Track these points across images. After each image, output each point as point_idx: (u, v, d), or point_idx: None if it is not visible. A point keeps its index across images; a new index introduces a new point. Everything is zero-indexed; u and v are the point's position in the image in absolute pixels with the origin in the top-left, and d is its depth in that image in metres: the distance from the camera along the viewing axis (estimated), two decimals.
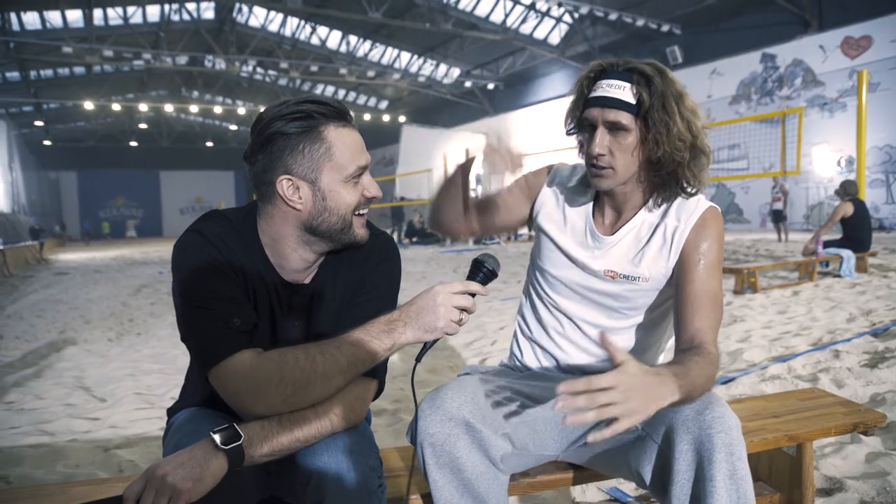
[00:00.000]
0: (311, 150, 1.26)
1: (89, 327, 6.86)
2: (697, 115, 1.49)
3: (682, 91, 1.48)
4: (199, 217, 1.34)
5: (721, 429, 1.24)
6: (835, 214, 7.65)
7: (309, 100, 1.28)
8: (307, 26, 25.88)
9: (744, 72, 18.65)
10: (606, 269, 1.58)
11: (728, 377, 3.56)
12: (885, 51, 15.35)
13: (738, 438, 1.25)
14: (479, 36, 22.90)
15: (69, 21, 22.27)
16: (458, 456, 1.32)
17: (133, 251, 23.49)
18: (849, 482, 2.20)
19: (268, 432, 1.18)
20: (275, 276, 1.33)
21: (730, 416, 1.27)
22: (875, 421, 1.81)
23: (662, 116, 1.43)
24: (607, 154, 1.48)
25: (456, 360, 4.42)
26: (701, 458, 1.24)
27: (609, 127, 1.47)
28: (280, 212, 1.30)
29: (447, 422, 1.33)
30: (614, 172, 1.50)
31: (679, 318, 1.48)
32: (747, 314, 5.38)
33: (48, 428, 3.32)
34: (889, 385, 3.24)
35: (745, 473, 1.23)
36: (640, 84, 1.45)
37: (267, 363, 1.19)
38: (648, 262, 1.55)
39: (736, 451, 1.23)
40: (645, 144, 1.47)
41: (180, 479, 1.07)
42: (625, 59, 1.51)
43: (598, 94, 1.48)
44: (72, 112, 33.89)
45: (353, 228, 1.32)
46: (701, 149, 1.49)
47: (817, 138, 16.24)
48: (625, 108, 1.45)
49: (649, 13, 19.52)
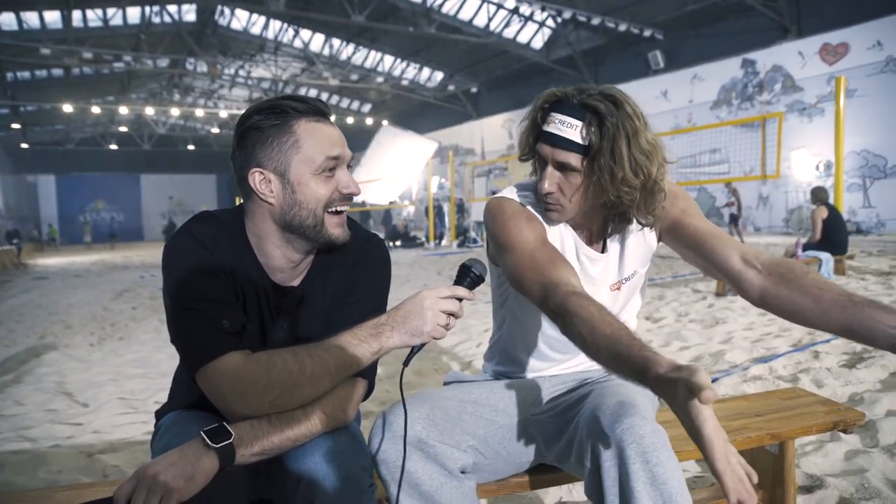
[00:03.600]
0: (279, 143, 1.26)
1: (70, 332, 6.79)
2: (655, 151, 1.42)
3: (639, 126, 1.40)
4: (190, 218, 1.34)
5: (632, 439, 1.21)
6: (816, 220, 7.77)
7: (286, 96, 1.29)
8: (290, 29, 25.78)
9: (725, 77, 18.85)
10: (611, 283, 1.61)
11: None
12: (861, 57, 15.58)
13: (652, 444, 1.21)
14: (463, 39, 22.93)
15: (47, 22, 21.93)
16: (413, 471, 1.33)
17: (114, 255, 23.28)
18: (829, 479, 2.23)
19: (258, 431, 1.18)
20: (264, 278, 1.33)
21: (641, 425, 1.24)
22: (854, 419, 1.84)
23: (608, 162, 1.38)
24: (556, 192, 1.47)
25: (441, 364, 4.43)
26: (620, 473, 1.23)
27: (557, 167, 1.45)
28: (258, 207, 1.30)
29: (398, 439, 1.33)
30: (563, 209, 1.50)
31: (710, 254, 1.48)
32: (729, 316, 5.44)
33: (29, 434, 3.28)
34: (867, 385, 3.30)
35: (667, 476, 1.19)
36: (592, 124, 1.39)
37: (254, 365, 1.20)
38: (636, 253, 1.61)
39: (652, 458, 1.20)
40: (591, 188, 1.44)
41: (172, 478, 1.07)
42: (581, 87, 1.44)
43: (550, 131, 1.44)
44: (50, 114, 33.44)
45: (327, 227, 1.30)
46: (652, 190, 1.44)
47: (796, 143, 16.44)
48: (574, 148, 1.41)
49: (632, 18, 19.66)
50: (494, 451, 1.51)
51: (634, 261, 1.62)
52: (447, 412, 1.45)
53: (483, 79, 27.71)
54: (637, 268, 1.63)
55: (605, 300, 1.58)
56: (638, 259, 1.62)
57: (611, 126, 1.38)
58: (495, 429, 1.52)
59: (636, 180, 1.39)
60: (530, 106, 1.52)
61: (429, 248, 18.71)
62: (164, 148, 41.27)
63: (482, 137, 28.55)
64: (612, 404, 1.31)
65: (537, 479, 1.61)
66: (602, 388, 1.47)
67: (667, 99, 20.29)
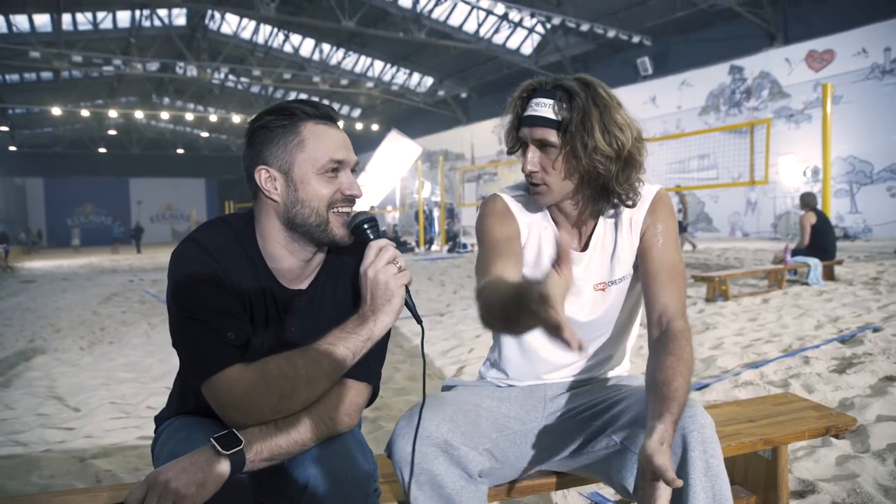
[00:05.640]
0: (285, 142, 1.30)
1: (59, 336, 6.74)
2: (628, 126, 1.49)
3: (611, 104, 1.48)
4: (200, 224, 1.36)
5: (694, 427, 1.28)
6: (805, 225, 7.84)
7: (297, 101, 1.33)
8: (280, 34, 25.77)
9: (713, 83, 19.00)
10: (596, 283, 1.61)
11: (702, 383, 3.63)
12: (847, 64, 15.77)
13: (711, 436, 1.29)
14: (453, 45, 22.99)
15: (37, 25, 21.87)
16: (437, 474, 1.34)
17: (102, 259, 23.13)
18: (821, 484, 2.26)
19: (266, 436, 1.19)
20: (273, 282, 1.35)
21: (702, 415, 1.32)
22: (846, 424, 1.86)
23: (580, 131, 1.45)
24: (539, 171, 1.52)
25: (434, 369, 4.43)
26: (678, 459, 1.28)
27: (538, 145, 1.51)
28: (264, 206, 1.33)
29: (424, 440, 1.35)
30: (549, 189, 1.53)
31: (647, 296, 1.56)
32: (719, 321, 5.47)
33: (20, 438, 3.26)
34: (857, 390, 3.33)
35: (719, 470, 1.27)
36: (563, 100, 1.47)
37: (251, 375, 1.21)
38: (626, 256, 1.61)
39: (710, 449, 1.27)
40: (568, 160, 1.49)
41: (184, 484, 1.07)
42: (557, 76, 1.53)
43: (528, 114, 1.52)
44: (39, 117, 33.26)
45: (331, 226, 1.32)
46: (629, 161, 1.49)
47: (784, 149, 16.57)
48: (549, 124, 1.48)
49: (620, 24, 19.78)
50: (504, 455, 1.53)
51: (626, 264, 1.62)
52: (466, 415, 1.47)
53: (473, 84, 27.77)
54: (628, 271, 1.63)
55: (587, 301, 1.61)
56: (630, 261, 1.62)
57: (580, 100, 1.46)
58: (507, 434, 1.55)
59: (609, 149, 1.45)
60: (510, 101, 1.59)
61: (419, 254, 18.70)
62: (153, 152, 41.10)
63: (472, 143, 28.60)
64: None
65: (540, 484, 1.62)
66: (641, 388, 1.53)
67: (655, 105, 20.41)
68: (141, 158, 41.28)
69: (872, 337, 4.31)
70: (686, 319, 1.53)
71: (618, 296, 1.64)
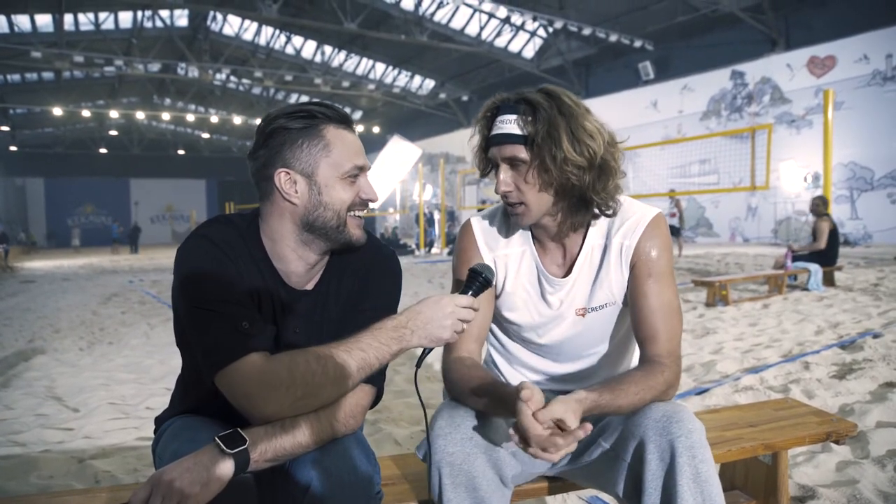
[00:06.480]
0: (309, 146, 1.30)
1: (59, 336, 6.73)
2: (598, 133, 1.43)
3: (577, 112, 1.43)
4: (204, 222, 1.35)
5: (681, 433, 1.27)
6: (823, 231, 7.80)
7: (313, 103, 1.33)
8: (282, 36, 25.78)
9: (714, 88, 19.02)
10: (577, 308, 1.58)
11: (702, 388, 3.63)
12: (848, 70, 15.79)
13: (699, 442, 1.27)
14: (454, 48, 23.01)
15: (38, 25, 21.85)
16: (476, 475, 1.33)
17: (102, 259, 23.13)
18: (821, 490, 2.26)
19: (271, 436, 1.19)
20: (278, 281, 1.35)
21: (690, 420, 1.30)
22: (847, 430, 1.86)
23: (548, 143, 1.40)
24: (514, 189, 1.47)
25: (432, 372, 4.43)
26: (666, 466, 1.27)
27: (508, 163, 1.47)
28: (278, 208, 1.32)
29: (466, 441, 1.34)
30: (527, 208, 1.48)
31: (637, 333, 1.51)
32: (719, 326, 5.47)
33: (19, 439, 3.26)
34: (857, 395, 3.33)
35: (709, 475, 1.25)
36: (527, 114, 1.42)
37: (277, 366, 1.20)
38: (611, 284, 1.54)
39: (698, 455, 1.25)
40: (539, 174, 1.44)
41: (188, 484, 1.07)
42: (519, 91, 1.48)
43: (494, 133, 1.47)
44: (40, 118, 33.27)
45: (349, 227, 1.34)
46: (603, 168, 1.45)
47: (785, 154, 16.58)
48: (516, 140, 1.43)
49: (622, 29, 19.79)
50: (521, 459, 1.51)
51: (611, 291, 1.55)
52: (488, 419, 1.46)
53: (474, 87, 27.78)
54: (615, 300, 1.56)
55: (568, 326, 1.59)
56: (616, 290, 1.55)
57: (545, 111, 1.41)
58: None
59: (580, 159, 1.41)
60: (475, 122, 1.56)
61: (419, 256, 18.70)
62: (154, 152, 41.10)
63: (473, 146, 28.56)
64: (660, 405, 1.37)
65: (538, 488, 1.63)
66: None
67: (657, 109, 20.44)
68: (142, 159, 41.27)
69: (872, 343, 4.31)
70: (679, 363, 1.47)
71: (600, 322, 1.59)
